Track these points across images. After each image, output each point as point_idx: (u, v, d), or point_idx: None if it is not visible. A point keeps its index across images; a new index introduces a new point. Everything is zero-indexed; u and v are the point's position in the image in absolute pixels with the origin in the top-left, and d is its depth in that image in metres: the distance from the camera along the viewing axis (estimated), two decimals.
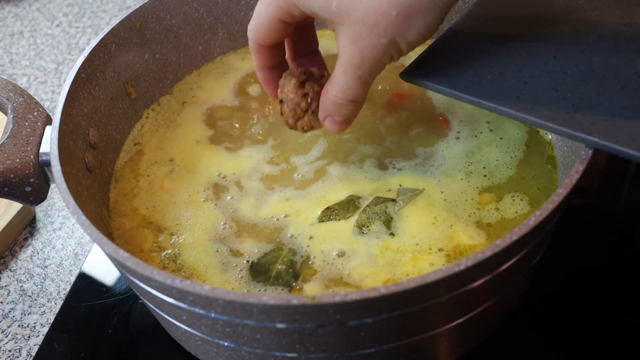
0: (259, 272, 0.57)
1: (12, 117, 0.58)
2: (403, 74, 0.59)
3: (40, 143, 0.57)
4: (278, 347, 0.50)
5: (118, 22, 0.68)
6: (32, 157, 0.56)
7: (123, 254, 0.48)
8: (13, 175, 0.55)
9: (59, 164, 0.54)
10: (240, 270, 0.58)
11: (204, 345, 0.55)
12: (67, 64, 0.98)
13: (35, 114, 0.59)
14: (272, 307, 0.44)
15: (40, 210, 0.77)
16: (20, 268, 0.72)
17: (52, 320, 0.66)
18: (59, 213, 0.77)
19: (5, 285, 0.70)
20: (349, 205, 0.61)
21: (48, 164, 0.56)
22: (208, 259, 0.59)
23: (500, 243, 0.45)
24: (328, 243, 0.58)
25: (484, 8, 0.64)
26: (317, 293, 0.50)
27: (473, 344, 0.59)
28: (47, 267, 0.71)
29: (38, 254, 0.73)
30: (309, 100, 0.57)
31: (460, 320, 0.52)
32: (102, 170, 0.64)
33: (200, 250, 0.59)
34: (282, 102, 0.59)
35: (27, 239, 0.74)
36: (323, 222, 0.60)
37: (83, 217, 0.50)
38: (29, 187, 0.56)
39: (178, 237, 0.61)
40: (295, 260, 0.57)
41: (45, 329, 0.66)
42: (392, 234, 0.58)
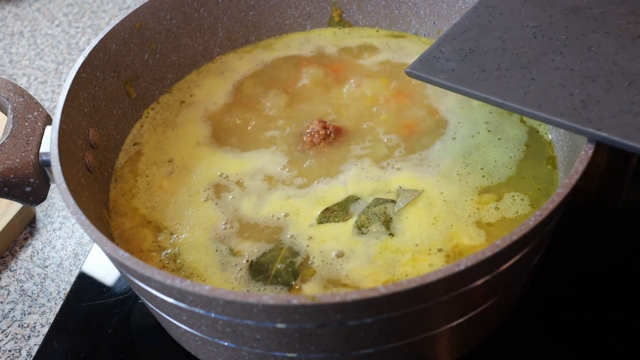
0: (258, 271, 0.57)
1: (12, 117, 0.58)
2: (409, 70, 0.59)
3: (40, 143, 0.57)
4: (278, 347, 0.50)
5: (118, 22, 0.68)
6: (32, 157, 0.56)
7: (123, 254, 0.48)
8: (13, 175, 0.55)
9: (59, 164, 0.54)
10: (240, 270, 0.58)
11: (204, 345, 0.55)
12: (67, 64, 0.98)
13: (35, 114, 0.59)
14: (272, 307, 0.44)
15: (40, 210, 0.77)
16: (20, 268, 0.71)
17: (52, 320, 0.66)
18: (59, 213, 0.77)
19: (5, 285, 0.70)
20: (348, 206, 0.61)
21: (48, 164, 0.56)
22: (208, 259, 0.59)
23: (500, 243, 0.45)
24: (327, 243, 0.58)
25: (489, 4, 0.63)
26: (316, 293, 0.50)
27: (473, 344, 0.59)
28: (47, 267, 0.71)
29: (38, 254, 0.73)
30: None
31: (460, 320, 0.52)
32: (102, 170, 0.64)
33: (200, 250, 0.59)
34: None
35: (27, 239, 0.74)
36: (322, 223, 0.60)
37: (83, 217, 0.50)
38: (29, 187, 0.56)
39: (178, 236, 0.61)
40: (294, 260, 0.57)
41: (45, 329, 0.66)
42: (391, 235, 0.58)
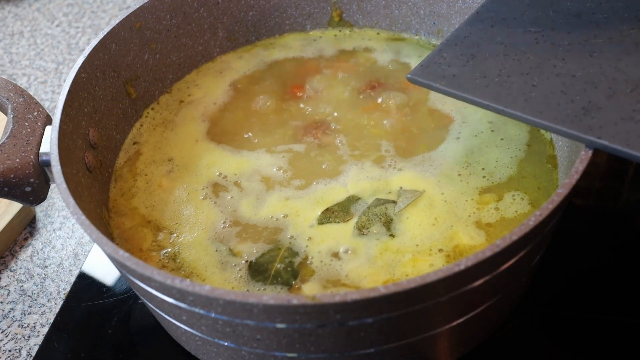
0: (258, 271, 0.57)
1: (12, 117, 0.58)
2: (410, 76, 0.59)
3: (40, 143, 0.57)
4: (278, 347, 0.50)
5: (118, 22, 0.68)
6: (32, 157, 0.56)
7: (123, 254, 0.48)
8: (13, 175, 0.55)
9: (59, 164, 0.54)
10: (240, 270, 0.58)
11: (204, 345, 0.55)
12: (67, 64, 0.98)
13: (35, 114, 0.59)
14: (272, 307, 0.44)
15: (40, 210, 0.77)
16: (20, 268, 0.71)
17: (52, 320, 0.66)
18: (59, 213, 0.77)
19: (5, 285, 0.70)
20: (349, 207, 0.61)
21: (48, 164, 0.56)
22: (207, 258, 0.59)
23: (500, 243, 0.45)
24: (327, 244, 0.58)
25: (491, 10, 0.63)
26: (316, 293, 0.50)
27: (473, 344, 0.59)
28: (47, 267, 0.71)
29: (38, 254, 0.73)
30: None
31: (460, 320, 0.52)
32: (102, 170, 0.64)
33: (200, 249, 0.59)
34: None
35: (27, 239, 0.74)
36: (322, 224, 0.60)
37: (83, 217, 0.50)
38: (29, 187, 0.56)
39: (177, 235, 0.61)
40: (294, 260, 0.57)
41: (45, 329, 0.66)
42: (392, 235, 0.58)
